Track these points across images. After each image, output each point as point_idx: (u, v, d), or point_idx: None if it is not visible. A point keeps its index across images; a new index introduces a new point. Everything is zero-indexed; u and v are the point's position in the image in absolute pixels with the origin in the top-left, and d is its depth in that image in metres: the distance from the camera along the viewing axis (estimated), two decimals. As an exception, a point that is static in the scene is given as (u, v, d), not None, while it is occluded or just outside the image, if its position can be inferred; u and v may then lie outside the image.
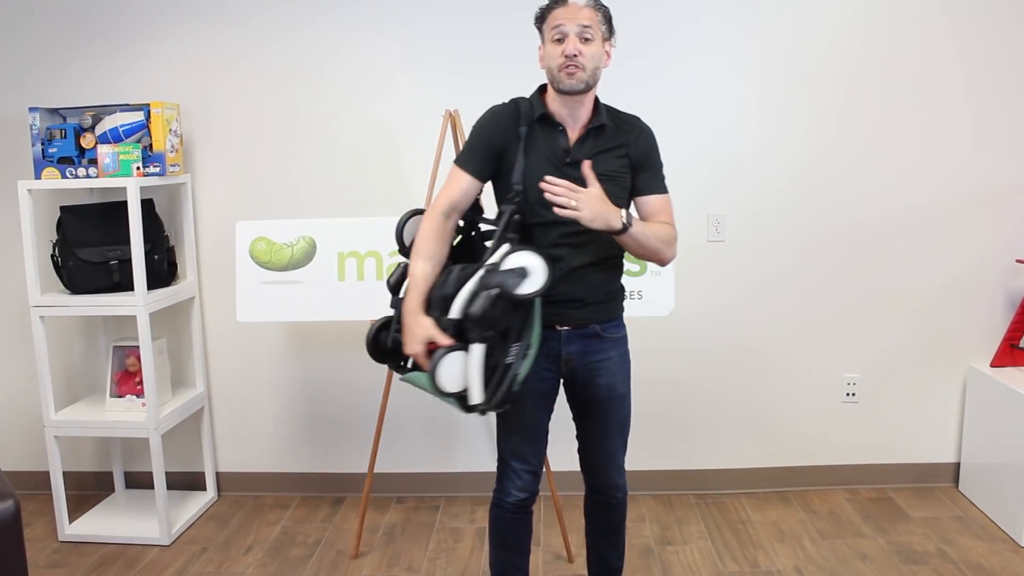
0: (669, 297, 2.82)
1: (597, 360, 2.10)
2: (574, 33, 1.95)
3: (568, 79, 1.96)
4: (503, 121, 2.04)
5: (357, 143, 3.21)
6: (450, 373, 1.83)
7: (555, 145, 2.02)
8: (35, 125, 2.92)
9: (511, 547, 2.24)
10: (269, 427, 3.40)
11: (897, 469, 3.36)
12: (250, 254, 2.88)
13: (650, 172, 2.11)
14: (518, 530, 2.22)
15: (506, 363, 1.90)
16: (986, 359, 3.24)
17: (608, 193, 1.94)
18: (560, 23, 1.96)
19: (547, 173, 1.95)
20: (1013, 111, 3.15)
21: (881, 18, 3.11)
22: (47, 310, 2.95)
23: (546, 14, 2.01)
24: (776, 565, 2.79)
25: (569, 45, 1.94)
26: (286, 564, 2.87)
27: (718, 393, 3.32)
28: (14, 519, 2.05)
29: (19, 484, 3.38)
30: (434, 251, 1.99)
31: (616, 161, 2.05)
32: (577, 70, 1.95)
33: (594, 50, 1.98)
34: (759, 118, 3.16)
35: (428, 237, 2.00)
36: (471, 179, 2.04)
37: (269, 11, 3.15)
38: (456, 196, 2.04)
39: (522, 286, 1.88)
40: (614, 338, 2.14)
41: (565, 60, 1.94)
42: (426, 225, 2.01)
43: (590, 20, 1.97)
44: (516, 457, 2.15)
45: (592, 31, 1.97)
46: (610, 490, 2.23)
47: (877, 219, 3.21)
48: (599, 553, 2.34)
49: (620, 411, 2.17)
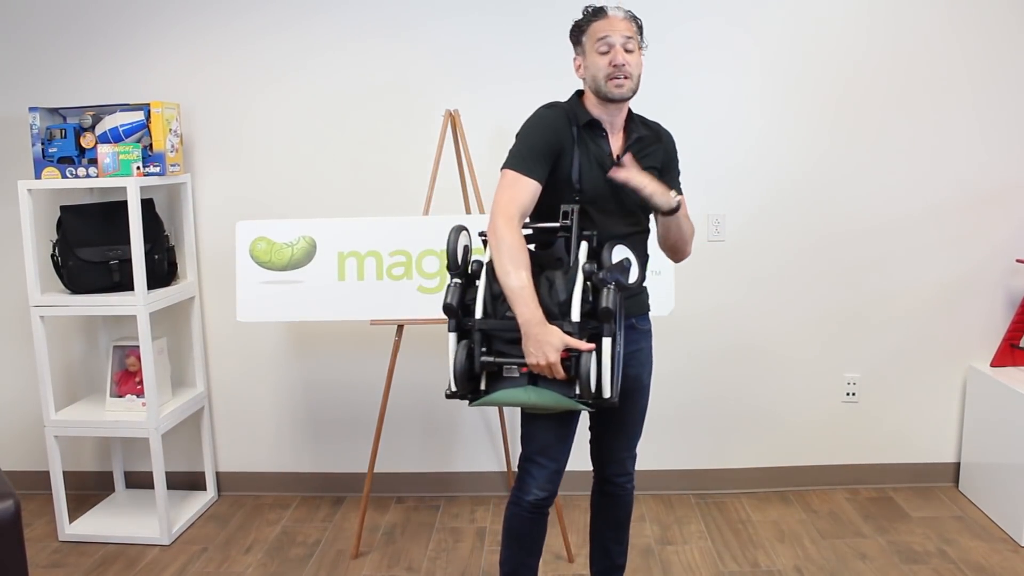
0: (669, 297, 2.82)
1: (631, 351, 2.18)
2: (619, 44, 2.02)
3: (616, 89, 2.02)
4: (558, 124, 2.07)
5: (357, 143, 3.21)
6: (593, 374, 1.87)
7: (600, 151, 2.08)
8: (35, 125, 2.92)
9: (525, 547, 2.23)
10: (269, 427, 3.41)
11: (897, 469, 3.37)
12: (250, 254, 2.88)
13: (671, 175, 2.21)
14: (533, 530, 2.21)
15: (618, 351, 1.95)
16: (986, 359, 3.24)
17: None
18: (605, 34, 2.02)
19: (596, 174, 2.05)
20: (1013, 111, 3.15)
21: (882, 19, 3.11)
22: (47, 310, 2.95)
23: (585, 27, 2.07)
24: (776, 565, 2.80)
25: (617, 56, 2.01)
26: (286, 564, 2.87)
27: (718, 393, 3.33)
28: (14, 519, 2.05)
29: (19, 484, 3.38)
30: (526, 259, 1.97)
31: (652, 161, 2.16)
32: (625, 80, 2.02)
33: (637, 59, 2.05)
34: (759, 118, 3.16)
35: (518, 246, 1.96)
36: (535, 184, 2.02)
37: (269, 10, 3.15)
38: (526, 202, 2.01)
39: (629, 276, 1.98)
40: (644, 330, 2.25)
41: (614, 70, 2.00)
42: (511, 236, 1.96)
43: (630, 31, 2.04)
44: (543, 454, 2.13)
45: (633, 41, 2.04)
46: (622, 478, 2.29)
47: (877, 219, 3.21)
48: (604, 547, 2.36)
49: (643, 401, 2.27)
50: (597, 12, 2.06)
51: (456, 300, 1.98)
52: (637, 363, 2.21)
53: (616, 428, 2.26)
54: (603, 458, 2.30)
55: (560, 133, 2.05)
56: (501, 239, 1.95)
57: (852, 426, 3.34)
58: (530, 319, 1.89)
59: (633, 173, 2.02)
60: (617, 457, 2.28)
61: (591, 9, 2.08)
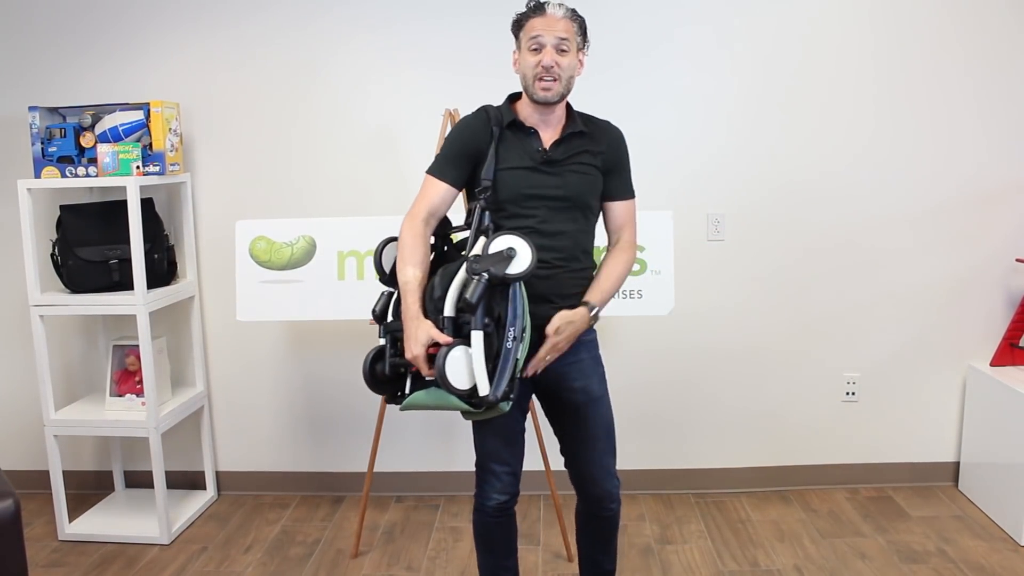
0: (669, 296, 2.82)
1: (568, 363, 2.08)
2: (551, 44, 1.98)
3: (543, 92, 1.99)
4: (475, 126, 2.07)
5: (357, 142, 3.21)
6: (456, 370, 1.82)
7: (529, 147, 2.05)
8: (35, 124, 2.92)
9: (496, 550, 2.23)
10: (269, 426, 3.41)
11: (897, 468, 3.37)
12: (250, 253, 2.88)
13: (619, 176, 2.13)
14: (501, 533, 2.22)
15: (506, 348, 1.89)
16: (986, 358, 3.24)
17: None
18: (538, 33, 1.98)
19: (523, 171, 2.02)
20: (1013, 111, 3.15)
21: (881, 19, 3.10)
22: (47, 309, 2.95)
23: (523, 22, 2.03)
24: (776, 564, 2.80)
25: (546, 56, 1.97)
26: (286, 563, 2.87)
27: (718, 392, 3.33)
28: (14, 518, 2.05)
29: (19, 483, 3.38)
30: (421, 257, 1.99)
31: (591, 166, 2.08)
32: (553, 82, 1.98)
33: (569, 61, 2.00)
34: (759, 118, 3.16)
35: (413, 244, 2.00)
36: (447, 187, 2.06)
37: (269, 10, 3.15)
38: (435, 202, 2.05)
39: (511, 267, 1.88)
40: (584, 340, 2.10)
41: (542, 71, 1.97)
42: (408, 233, 2.01)
43: (567, 32, 1.99)
44: (496, 460, 2.13)
45: (568, 43, 1.99)
46: (604, 501, 2.18)
47: (877, 219, 3.21)
48: (592, 558, 2.33)
49: (601, 414, 2.13)
50: (536, 8, 2.01)
51: (380, 307, 2.05)
52: (580, 375, 2.10)
53: (582, 448, 2.15)
54: (580, 480, 2.18)
55: (476, 136, 2.05)
56: (400, 237, 2.03)
57: (852, 426, 3.34)
58: (407, 313, 1.91)
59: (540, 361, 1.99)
60: (592, 478, 2.15)
61: (532, 4, 2.03)
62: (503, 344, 1.89)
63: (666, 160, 3.18)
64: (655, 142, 3.15)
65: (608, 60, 3.08)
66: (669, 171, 3.19)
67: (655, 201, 3.16)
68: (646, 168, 3.16)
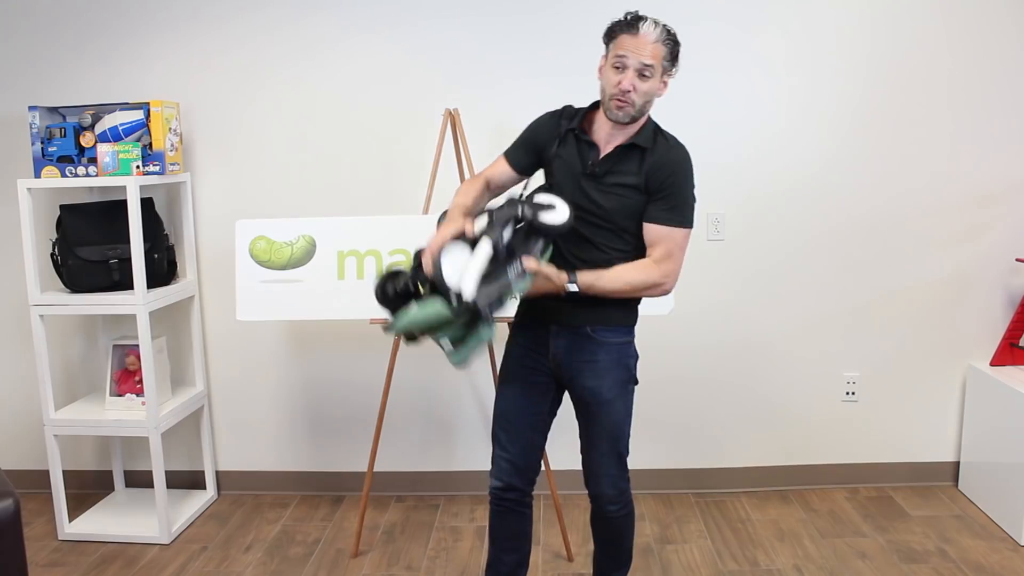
0: (669, 296, 2.82)
1: (583, 360, 2.09)
2: (634, 67, 1.95)
3: (616, 110, 2.00)
4: (549, 122, 2.14)
5: (357, 142, 3.21)
6: (452, 261, 1.85)
7: (584, 156, 2.06)
8: (35, 124, 2.92)
9: (495, 539, 2.26)
10: (269, 426, 3.40)
11: (897, 468, 3.37)
12: (250, 253, 2.88)
13: (663, 202, 2.03)
14: (499, 522, 2.23)
15: (506, 272, 1.90)
16: (986, 358, 3.24)
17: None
18: (625, 54, 1.96)
19: (567, 182, 2.06)
20: (1013, 110, 3.14)
21: (881, 19, 3.10)
22: (47, 309, 2.95)
23: (615, 34, 2.00)
24: (776, 564, 2.80)
25: (625, 80, 1.96)
26: (286, 563, 2.87)
27: (718, 392, 3.33)
28: (14, 518, 2.05)
29: (19, 483, 3.37)
30: (470, 200, 2.10)
31: (630, 178, 2.04)
32: (626, 104, 1.98)
33: (650, 86, 1.99)
34: (759, 117, 3.16)
35: (464, 192, 2.13)
36: (509, 168, 2.18)
37: (269, 10, 3.15)
38: (497, 175, 2.18)
39: (546, 215, 1.94)
40: (606, 342, 2.08)
41: (618, 91, 1.97)
42: (465, 185, 2.16)
43: (654, 57, 1.96)
44: (495, 442, 2.18)
45: (653, 68, 1.96)
46: (602, 501, 2.18)
47: (877, 218, 3.21)
48: (598, 562, 2.34)
49: (607, 418, 2.10)
50: (632, 24, 1.96)
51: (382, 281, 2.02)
52: (592, 375, 2.08)
53: (586, 445, 2.17)
54: (585, 472, 2.20)
55: (543, 131, 2.13)
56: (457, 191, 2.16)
57: (852, 425, 3.34)
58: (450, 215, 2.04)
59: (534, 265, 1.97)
60: (591, 476, 2.16)
61: (629, 17, 1.99)
62: (505, 269, 1.90)
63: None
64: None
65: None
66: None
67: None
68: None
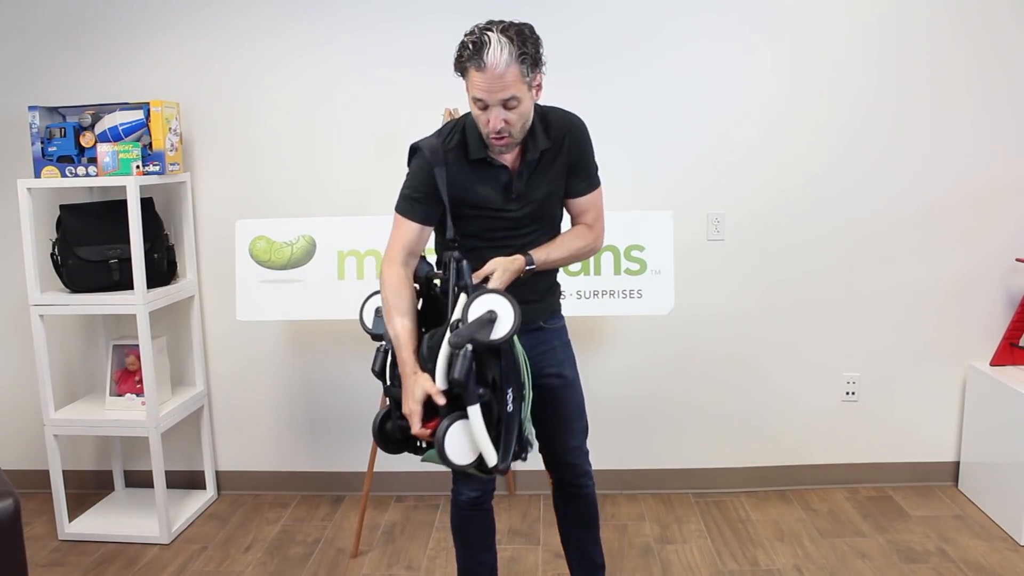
0: (669, 296, 2.83)
1: (541, 352, 2.12)
2: (496, 105, 1.83)
3: (498, 146, 1.91)
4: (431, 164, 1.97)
5: (357, 142, 3.21)
6: (457, 446, 1.78)
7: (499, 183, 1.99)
8: (35, 124, 2.92)
9: (469, 543, 2.26)
10: (269, 426, 3.41)
11: (897, 468, 3.37)
12: (250, 253, 2.89)
13: (581, 174, 2.06)
14: (474, 527, 2.24)
15: (507, 412, 1.84)
16: (986, 358, 3.24)
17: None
18: (480, 96, 1.83)
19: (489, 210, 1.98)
20: (1013, 110, 3.14)
21: (883, 18, 3.10)
22: (47, 309, 2.95)
23: (465, 68, 1.85)
24: (776, 564, 2.80)
25: (493, 119, 1.84)
26: (286, 563, 2.87)
27: (718, 391, 3.32)
28: (14, 518, 2.05)
29: (19, 483, 3.38)
30: (407, 304, 1.91)
31: (555, 176, 2.04)
32: (505, 138, 1.88)
33: (522, 110, 1.86)
34: (759, 117, 3.16)
35: (396, 290, 1.92)
36: (417, 226, 1.99)
37: (269, 9, 3.15)
38: (411, 242, 1.98)
39: (494, 332, 1.77)
40: (554, 328, 2.17)
41: (491, 131, 1.86)
42: (390, 279, 1.93)
43: (512, 84, 1.80)
44: None
45: (518, 96, 1.83)
46: (581, 478, 2.24)
47: (877, 218, 3.21)
48: (581, 550, 2.34)
49: (575, 396, 2.20)
50: (476, 54, 1.79)
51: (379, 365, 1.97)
52: (555, 361, 2.15)
53: (558, 429, 2.19)
54: (555, 462, 2.23)
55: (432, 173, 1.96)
56: (382, 285, 1.95)
57: (852, 425, 3.34)
58: (403, 368, 1.85)
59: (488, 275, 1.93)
60: (567, 458, 2.21)
61: (470, 47, 1.81)
62: (503, 408, 1.83)
63: (666, 160, 3.18)
64: (655, 142, 3.15)
65: (606, 56, 3.09)
66: (669, 171, 3.19)
67: (655, 201, 3.17)
68: (646, 168, 3.19)
